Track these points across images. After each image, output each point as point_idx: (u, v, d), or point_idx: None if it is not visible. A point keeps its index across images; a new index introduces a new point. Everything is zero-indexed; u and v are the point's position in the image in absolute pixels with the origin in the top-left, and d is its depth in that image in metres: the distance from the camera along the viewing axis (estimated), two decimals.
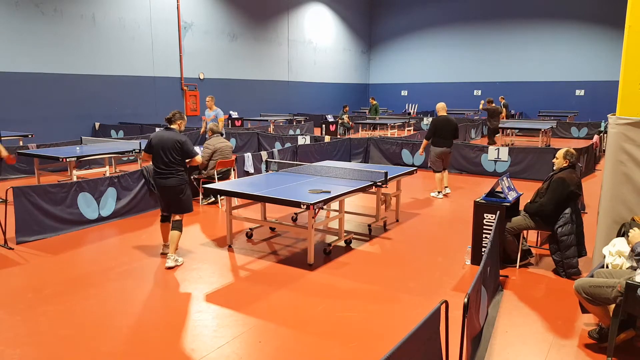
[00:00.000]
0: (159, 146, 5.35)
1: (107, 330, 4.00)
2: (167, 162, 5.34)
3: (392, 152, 12.50)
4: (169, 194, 5.43)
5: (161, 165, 5.36)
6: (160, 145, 5.34)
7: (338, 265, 5.50)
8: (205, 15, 20.01)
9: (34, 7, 14.48)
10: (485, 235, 5.34)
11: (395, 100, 29.70)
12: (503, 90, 25.17)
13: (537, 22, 25.04)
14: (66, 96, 15.50)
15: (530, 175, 10.63)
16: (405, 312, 4.37)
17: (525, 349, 3.76)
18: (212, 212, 7.89)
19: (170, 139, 5.36)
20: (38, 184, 6.72)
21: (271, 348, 3.75)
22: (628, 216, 4.59)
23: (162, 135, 5.40)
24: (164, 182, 5.38)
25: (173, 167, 5.37)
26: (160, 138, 5.38)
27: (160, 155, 5.34)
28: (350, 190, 5.89)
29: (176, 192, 5.41)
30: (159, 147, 5.34)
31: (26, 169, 10.65)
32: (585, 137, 18.36)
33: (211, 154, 8.12)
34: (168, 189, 5.39)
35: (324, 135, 14.89)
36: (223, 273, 5.27)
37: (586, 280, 3.72)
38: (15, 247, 6.03)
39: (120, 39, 16.87)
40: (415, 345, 2.44)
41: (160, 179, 5.39)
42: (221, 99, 20.47)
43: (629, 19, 4.51)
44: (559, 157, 5.26)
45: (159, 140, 5.37)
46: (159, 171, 5.39)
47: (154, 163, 5.43)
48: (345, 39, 28.72)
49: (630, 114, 4.56)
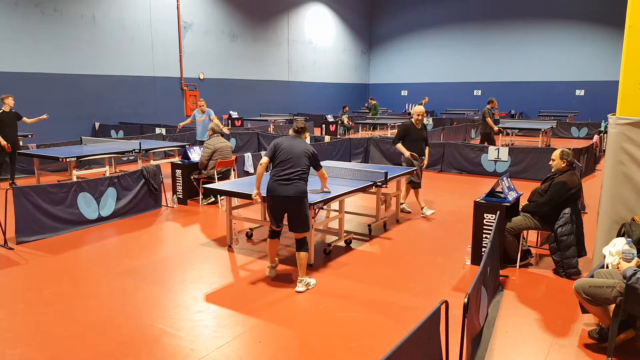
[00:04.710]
0: (289, 151, 4.78)
1: (107, 330, 4.00)
2: (296, 169, 4.75)
3: (392, 152, 12.48)
4: (292, 204, 4.76)
5: (287, 170, 4.73)
6: (290, 151, 4.78)
7: (338, 265, 5.50)
8: (205, 15, 20.01)
9: (33, 7, 14.48)
10: (485, 235, 5.34)
11: (395, 100, 29.69)
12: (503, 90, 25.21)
13: (537, 22, 25.03)
14: (66, 96, 15.50)
15: (530, 175, 10.63)
16: (405, 312, 4.37)
17: (525, 349, 3.76)
18: (212, 212, 7.89)
19: (300, 146, 4.85)
20: (38, 184, 6.71)
21: (271, 348, 3.75)
22: (628, 216, 4.59)
23: (290, 140, 4.89)
24: (285, 190, 4.71)
25: (301, 174, 4.80)
26: (287, 142, 4.86)
27: (290, 161, 4.75)
28: (350, 190, 5.89)
29: (299, 202, 4.77)
30: (289, 153, 4.78)
31: (26, 169, 10.65)
32: (585, 137, 18.35)
33: (211, 154, 8.12)
34: (292, 198, 4.73)
35: (324, 135, 14.90)
36: (223, 273, 5.26)
37: (586, 280, 3.72)
38: (15, 247, 6.03)
39: (120, 39, 16.87)
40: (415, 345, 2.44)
41: (283, 187, 4.72)
42: (221, 99, 20.55)
43: (629, 19, 4.51)
44: (556, 159, 5.26)
45: (287, 144, 4.84)
46: (281, 177, 4.73)
47: (277, 170, 4.77)
48: (345, 39, 28.72)
49: (630, 114, 4.56)
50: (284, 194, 4.69)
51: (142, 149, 9.64)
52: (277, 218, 4.92)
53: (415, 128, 7.37)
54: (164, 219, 7.43)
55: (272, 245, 5.11)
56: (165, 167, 8.93)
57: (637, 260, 3.71)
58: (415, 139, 7.37)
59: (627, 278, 3.36)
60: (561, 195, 5.06)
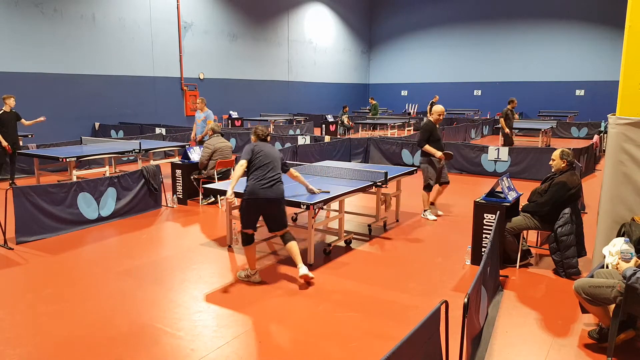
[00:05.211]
0: (268, 157, 4.91)
1: (107, 330, 4.00)
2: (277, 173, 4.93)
3: (392, 152, 12.50)
4: (275, 206, 4.93)
5: (269, 174, 4.86)
6: (268, 155, 4.92)
7: (338, 265, 5.50)
8: (205, 15, 20.01)
9: (34, 7, 14.48)
10: (485, 235, 5.34)
11: (395, 100, 29.69)
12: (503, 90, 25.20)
13: (537, 22, 25.04)
14: (66, 96, 15.50)
15: (530, 175, 10.63)
16: (405, 312, 4.37)
17: (525, 349, 3.76)
18: (212, 212, 7.89)
19: (274, 151, 5.05)
20: (38, 184, 6.71)
21: (271, 348, 3.75)
22: (628, 216, 4.58)
23: (264, 145, 5.01)
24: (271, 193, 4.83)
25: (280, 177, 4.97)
26: (263, 147, 4.98)
27: (272, 166, 4.90)
28: (350, 190, 5.89)
29: (281, 203, 5.00)
30: (267, 158, 4.91)
31: (26, 169, 10.65)
32: (585, 137, 18.35)
33: (211, 153, 8.12)
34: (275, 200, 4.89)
35: (324, 135, 14.89)
36: (223, 273, 5.26)
37: (586, 280, 3.72)
38: (15, 247, 6.03)
39: (120, 39, 16.87)
40: (415, 345, 2.44)
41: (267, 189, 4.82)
42: (221, 99, 20.54)
43: (629, 19, 4.51)
44: (556, 159, 5.26)
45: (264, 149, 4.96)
46: (265, 180, 4.83)
47: (257, 174, 4.85)
48: (345, 39, 28.72)
49: (630, 114, 4.56)
50: (268, 196, 4.79)
51: (142, 149, 9.64)
52: (255, 221, 4.97)
53: (436, 127, 7.34)
54: (164, 219, 7.43)
55: (252, 251, 5.04)
56: (165, 167, 8.93)
57: (636, 260, 3.71)
58: (439, 139, 7.32)
59: (627, 278, 3.36)
60: (561, 195, 5.07)
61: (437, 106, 7.39)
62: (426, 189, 7.44)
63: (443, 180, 7.50)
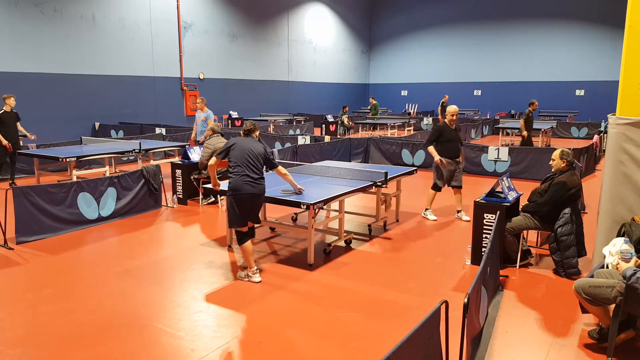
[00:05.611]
0: (244, 152, 4.98)
1: (107, 330, 4.00)
2: (257, 168, 4.99)
3: (392, 152, 12.50)
4: (257, 202, 5.08)
5: (251, 171, 4.95)
6: (245, 151, 4.99)
7: (338, 265, 5.50)
8: (205, 15, 20.01)
9: (34, 7, 14.47)
10: (485, 235, 5.35)
11: (395, 100, 29.69)
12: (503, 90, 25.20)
13: (537, 22, 25.04)
14: (66, 96, 15.50)
15: (530, 175, 10.63)
16: (405, 312, 4.37)
17: (525, 349, 3.76)
18: (212, 212, 7.89)
19: (257, 147, 5.07)
20: (38, 184, 6.71)
21: (271, 348, 3.75)
22: (628, 216, 4.59)
23: (243, 141, 5.09)
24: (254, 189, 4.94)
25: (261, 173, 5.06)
26: (241, 143, 5.06)
27: (250, 162, 4.96)
28: (350, 190, 5.89)
29: (261, 199, 5.13)
30: (244, 153, 4.98)
31: (26, 169, 10.65)
32: (585, 137, 18.35)
33: (211, 153, 8.10)
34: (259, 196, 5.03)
35: (323, 135, 14.89)
36: (223, 273, 5.26)
37: (586, 280, 3.72)
38: (15, 247, 6.03)
39: (120, 39, 16.87)
40: (415, 345, 2.44)
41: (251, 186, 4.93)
42: (221, 99, 20.54)
43: (629, 19, 4.51)
44: (556, 159, 5.27)
45: (239, 144, 5.05)
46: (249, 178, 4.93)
47: (237, 170, 4.97)
48: (345, 39, 28.72)
49: (630, 114, 4.56)
50: (252, 191, 4.93)
51: (142, 149, 9.64)
52: (244, 216, 5.03)
53: (450, 128, 7.19)
54: (164, 219, 7.43)
55: (249, 249, 5.07)
56: (165, 167, 8.93)
57: (636, 260, 3.71)
58: (451, 139, 7.17)
59: (627, 278, 3.36)
60: (561, 195, 5.07)
61: (450, 106, 7.30)
62: (433, 188, 7.40)
63: (454, 183, 7.31)
